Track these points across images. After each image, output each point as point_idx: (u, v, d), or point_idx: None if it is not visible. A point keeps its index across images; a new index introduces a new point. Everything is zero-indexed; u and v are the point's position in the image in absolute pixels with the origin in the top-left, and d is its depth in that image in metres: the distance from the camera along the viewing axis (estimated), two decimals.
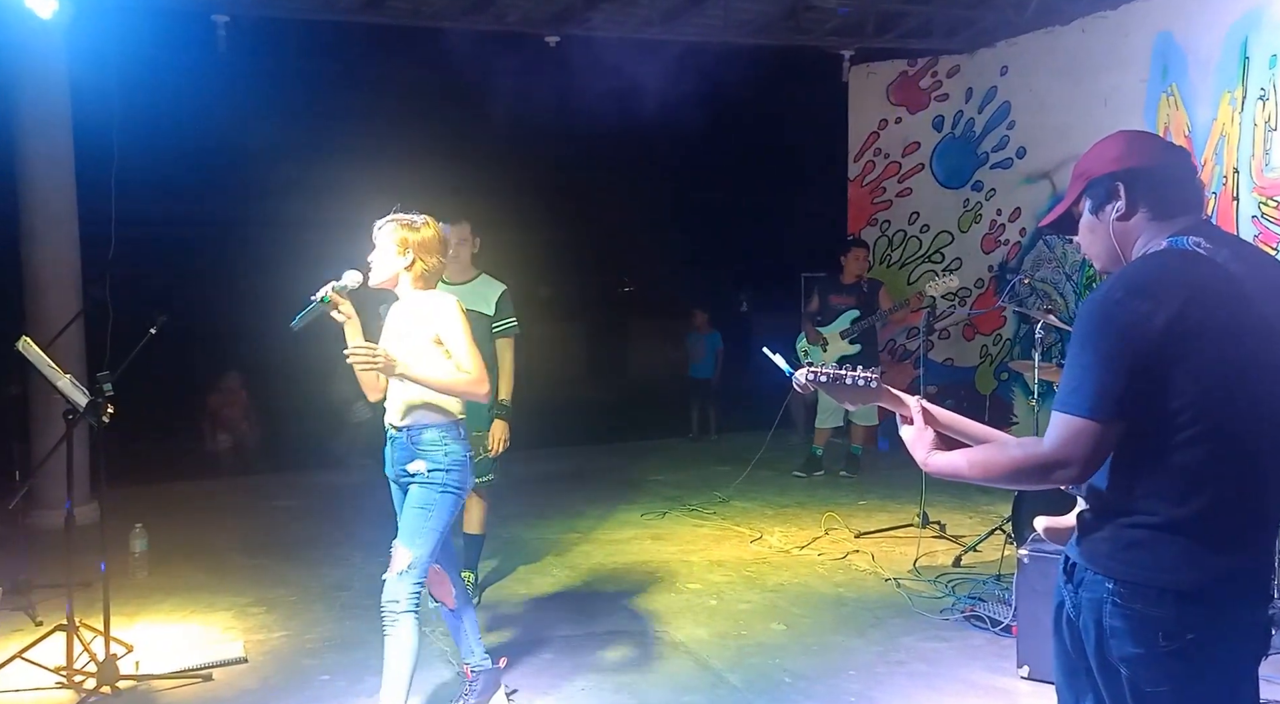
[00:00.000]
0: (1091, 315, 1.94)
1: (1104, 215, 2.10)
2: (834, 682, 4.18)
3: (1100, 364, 1.90)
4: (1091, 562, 2.01)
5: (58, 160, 6.84)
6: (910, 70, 9.35)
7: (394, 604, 3.46)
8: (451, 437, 3.57)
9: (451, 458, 3.55)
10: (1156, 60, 7.15)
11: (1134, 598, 1.94)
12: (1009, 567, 4.96)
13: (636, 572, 5.71)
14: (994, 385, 8.87)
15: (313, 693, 4.08)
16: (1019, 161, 8.67)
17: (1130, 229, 2.08)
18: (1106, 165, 2.09)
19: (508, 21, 8.16)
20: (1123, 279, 1.97)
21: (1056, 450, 1.92)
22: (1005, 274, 8.70)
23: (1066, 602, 2.09)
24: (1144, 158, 2.08)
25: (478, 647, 3.87)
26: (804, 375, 2.29)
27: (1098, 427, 1.89)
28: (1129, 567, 1.95)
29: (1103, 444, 1.90)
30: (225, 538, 6.37)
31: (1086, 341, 1.93)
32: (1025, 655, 4.16)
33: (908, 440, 2.24)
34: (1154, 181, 2.06)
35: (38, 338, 4.51)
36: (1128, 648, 1.94)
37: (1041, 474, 1.97)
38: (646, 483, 8.07)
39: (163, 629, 4.81)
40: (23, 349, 4.21)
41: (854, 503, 7.24)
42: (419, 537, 3.50)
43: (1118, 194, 2.07)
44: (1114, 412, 1.89)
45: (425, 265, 3.59)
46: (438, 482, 3.53)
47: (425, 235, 3.60)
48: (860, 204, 9.64)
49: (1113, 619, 1.96)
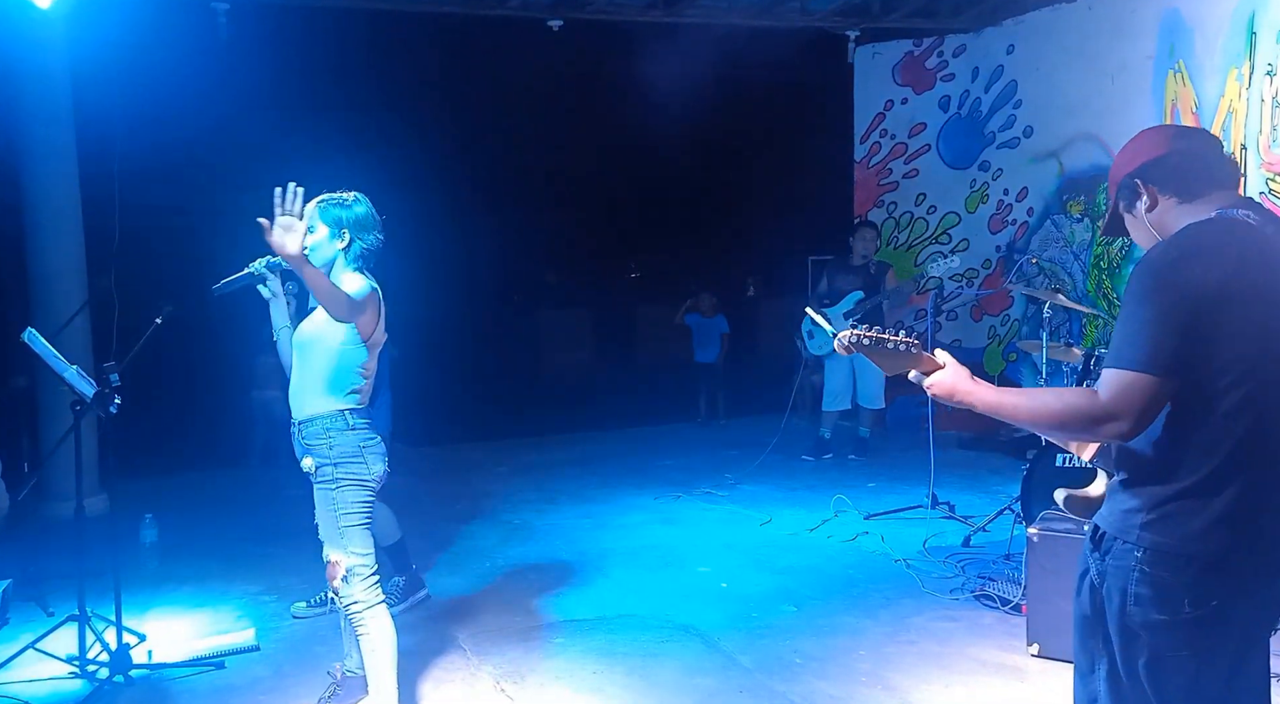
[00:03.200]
0: (1149, 273, 2.00)
1: (1137, 212, 2.23)
2: (845, 662, 4.18)
3: (1157, 320, 1.94)
4: (1123, 532, 2.05)
5: (60, 150, 6.83)
6: (916, 50, 9.28)
7: (355, 605, 3.37)
8: (337, 429, 3.37)
9: (338, 450, 3.36)
10: (1163, 37, 7.09)
11: (1161, 566, 1.98)
12: (1018, 546, 4.95)
13: (647, 555, 5.71)
14: (1002, 366, 8.84)
15: (326, 680, 4.09)
16: (1026, 141, 8.61)
17: (1163, 217, 2.18)
18: (1125, 167, 2.23)
19: (510, 6, 8.11)
20: (1178, 241, 2.05)
21: (1110, 403, 1.95)
22: (1013, 254, 8.66)
23: (1092, 569, 2.14)
24: (1154, 150, 2.19)
25: (357, 653, 3.66)
26: (847, 337, 2.25)
27: (1153, 380, 1.92)
28: (1159, 535, 1.99)
29: (1156, 399, 1.94)
30: (236, 527, 6.38)
31: (1144, 298, 1.97)
32: (1035, 633, 4.16)
33: (943, 385, 2.19)
34: (1169, 169, 2.16)
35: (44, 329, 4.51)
36: (1152, 614, 2.00)
37: (1091, 425, 1.99)
38: (656, 468, 8.06)
39: (175, 618, 4.83)
40: (29, 340, 4.21)
41: (863, 485, 7.23)
42: (340, 538, 3.38)
43: (1139, 190, 2.20)
44: (1169, 367, 1.92)
45: (363, 244, 3.45)
46: (328, 478, 3.38)
47: (358, 212, 3.46)
48: (867, 186, 9.59)
49: (1139, 586, 2.01)
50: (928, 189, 9.33)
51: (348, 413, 3.41)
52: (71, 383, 4.16)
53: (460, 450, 8.61)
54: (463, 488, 7.23)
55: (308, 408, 3.41)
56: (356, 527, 3.39)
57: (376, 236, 3.49)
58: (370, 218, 3.49)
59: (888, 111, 9.45)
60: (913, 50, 9.30)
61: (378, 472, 3.45)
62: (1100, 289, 7.86)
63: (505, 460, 8.41)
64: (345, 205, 3.46)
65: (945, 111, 9.21)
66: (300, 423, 3.42)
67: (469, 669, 4.18)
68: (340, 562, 3.37)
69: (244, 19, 7.42)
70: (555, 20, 8.16)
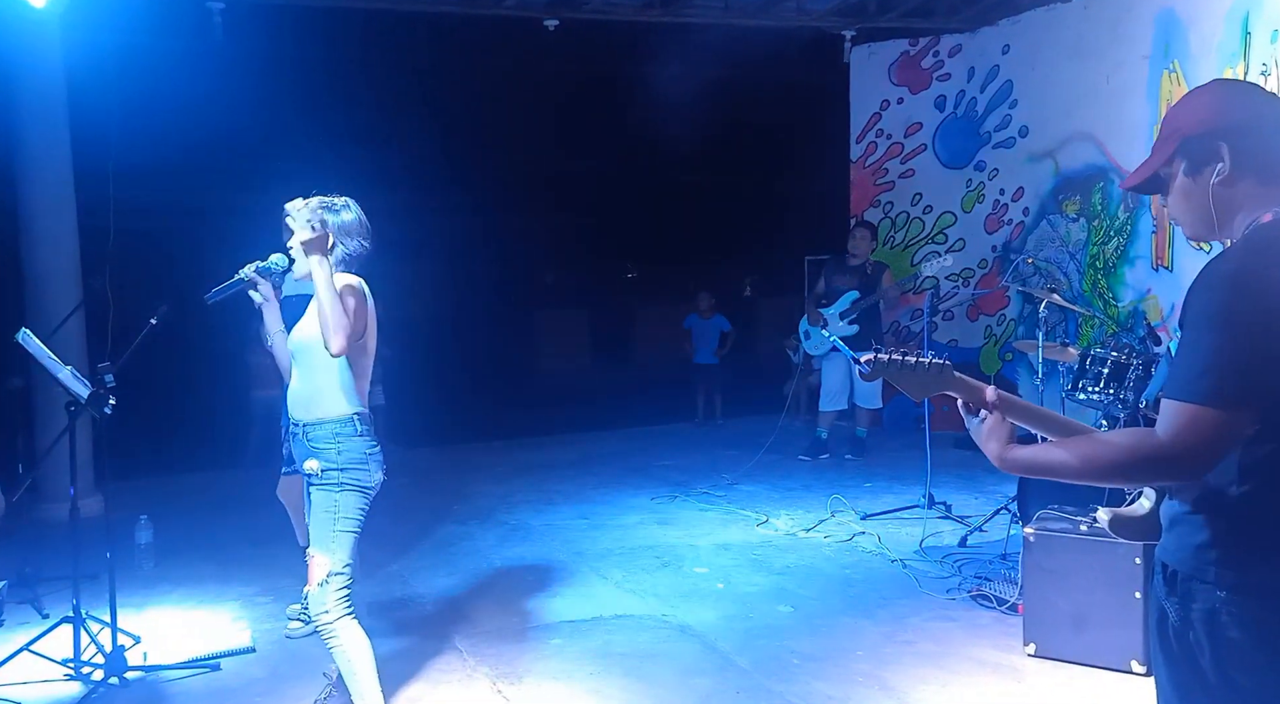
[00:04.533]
0: (1223, 291, 1.70)
1: (1202, 179, 1.84)
2: (842, 662, 4.17)
3: (1233, 344, 1.66)
4: (1199, 570, 1.79)
5: (55, 150, 6.81)
6: (912, 50, 9.29)
7: (324, 614, 3.34)
8: (346, 434, 3.37)
9: (346, 455, 3.35)
10: (1159, 37, 7.10)
11: (1251, 606, 1.74)
12: (1015, 546, 4.95)
13: (644, 556, 5.70)
14: (999, 366, 8.85)
15: (321, 682, 4.07)
16: (1022, 141, 8.62)
17: (1235, 196, 1.82)
18: (1204, 122, 1.84)
19: (506, 5, 8.11)
20: (1256, 252, 1.73)
21: (1175, 442, 1.69)
22: (1009, 254, 8.67)
23: (1171, 615, 1.85)
24: (1249, 111, 1.83)
25: None
26: (869, 362, 2.07)
27: (1225, 415, 1.66)
28: (1242, 572, 1.74)
29: (1229, 435, 1.68)
30: (231, 528, 6.36)
31: (1217, 320, 1.68)
32: (1032, 633, 4.15)
33: (979, 434, 2.00)
34: (1261, 140, 1.81)
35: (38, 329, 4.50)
36: (1254, 658, 1.74)
37: (1153, 470, 1.76)
38: (653, 468, 8.06)
39: (170, 620, 4.81)
40: (23, 341, 4.19)
41: (859, 485, 7.23)
42: (331, 542, 3.35)
43: (1220, 155, 1.81)
44: (1244, 399, 1.67)
45: (346, 249, 3.44)
46: (333, 481, 3.35)
47: (345, 218, 3.45)
48: (863, 186, 9.59)
49: (1230, 630, 1.75)
50: (924, 189, 9.33)
51: (356, 418, 3.42)
52: (66, 384, 4.15)
53: (457, 451, 8.61)
54: (460, 488, 7.22)
55: (316, 410, 3.40)
56: (349, 533, 3.38)
57: (362, 243, 3.47)
58: (357, 224, 3.47)
59: (884, 111, 9.46)
60: (909, 50, 9.30)
61: (378, 480, 3.45)
62: (1096, 288, 7.87)
63: (502, 461, 8.40)
64: (333, 209, 3.46)
65: (941, 111, 9.22)
66: (306, 425, 3.40)
67: (465, 670, 4.17)
68: (325, 565, 3.35)
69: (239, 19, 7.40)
70: (551, 20, 8.16)
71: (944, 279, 8.98)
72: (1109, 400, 4.97)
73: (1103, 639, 3.98)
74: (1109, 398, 4.97)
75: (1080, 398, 5.11)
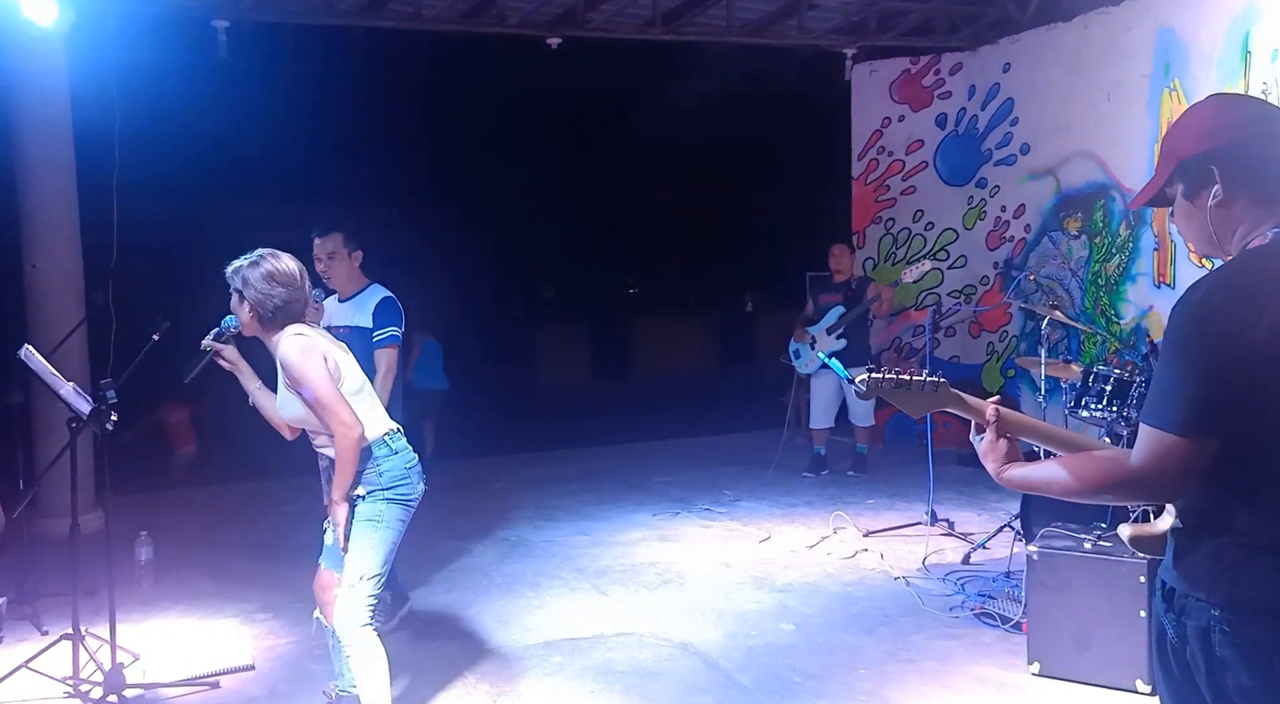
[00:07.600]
0: (1186, 321, 1.74)
1: (1200, 202, 1.86)
2: (845, 680, 4.15)
3: (1193, 375, 1.70)
4: (1193, 587, 1.80)
5: (59, 167, 6.83)
6: (913, 68, 9.32)
7: (347, 620, 3.35)
8: (383, 455, 3.40)
9: (388, 475, 3.40)
10: (1159, 55, 7.12)
11: (1243, 624, 1.74)
12: (1018, 563, 4.93)
13: (645, 573, 5.68)
14: (1001, 382, 8.84)
15: (320, 700, 4.05)
16: (1023, 158, 8.64)
17: (1232, 216, 1.84)
18: (1196, 144, 1.86)
19: (508, 24, 8.14)
20: (1222, 281, 1.76)
21: (1143, 467, 1.75)
22: (1010, 271, 8.67)
23: (1169, 631, 1.87)
24: (1243, 131, 1.84)
25: (349, 672, 3.59)
26: (863, 382, 2.09)
27: (1188, 444, 1.70)
28: (1234, 589, 1.75)
29: (1194, 462, 1.71)
30: (231, 544, 6.35)
31: (1180, 350, 1.73)
32: (1036, 652, 4.14)
33: (979, 450, 2.06)
34: (1252, 159, 1.82)
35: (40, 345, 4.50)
36: (1243, 678, 1.75)
37: (1127, 491, 1.83)
38: (655, 484, 8.04)
39: (169, 636, 4.79)
40: (25, 357, 4.19)
41: (862, 502, 7.21)
42: (369, 548, 3.36)
43: (1212, 178, 1.83)
44: (1207, 429, 1.70)
45: (274, 301, 3.32)
46: (378, 499, 3.39)
47: (250, 274, 3.32)
48: (864, 202, 9.61)
49: (1222, 648, 1.76)
50: (925, 205, 9.35)
51: (387, 438, 3.45)
52: (67, 400, 4.15)
53: (457, 466, 8.58)
54: (460, 504, 7.20)
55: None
56: (388, 542, 3.41)
57: (281, 291, 3.33)
58: (272, 275, 3.33)
59: (885, 129, 9.48)
60: (910, 68, 9.33)
61: (419, 492, 3.50)
62: (1098, 305, 7.87)
63: (503, 476, 8.38)
64: (239, 269, 3.37)
65: (942, 129, 9.24)
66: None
67: (464, 688, 4.15)
68: (357, 570, 3.36)
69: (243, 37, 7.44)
70: (554, 39, 8.20)
71: (946, 296, 8.99)
72: (1112, 418, 4.96)
73: (1107, 658, 3.96)
74: (1112, 415, 4.96)
75: (1083, 415, 5.10)
